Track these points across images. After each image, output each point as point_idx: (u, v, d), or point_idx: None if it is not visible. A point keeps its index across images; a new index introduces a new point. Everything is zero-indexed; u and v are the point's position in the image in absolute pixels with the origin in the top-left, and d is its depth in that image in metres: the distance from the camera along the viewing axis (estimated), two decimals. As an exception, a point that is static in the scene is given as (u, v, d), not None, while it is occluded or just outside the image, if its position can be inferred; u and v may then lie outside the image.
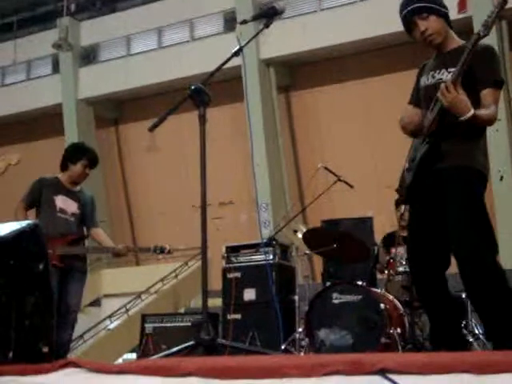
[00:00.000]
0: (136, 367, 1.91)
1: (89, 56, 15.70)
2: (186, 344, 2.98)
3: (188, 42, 15.00)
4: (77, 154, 5.54)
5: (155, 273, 13.29)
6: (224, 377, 1.77)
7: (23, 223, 2.87)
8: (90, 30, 15.74)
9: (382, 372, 1.62)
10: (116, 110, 16.37)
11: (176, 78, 14.52)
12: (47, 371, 2.07)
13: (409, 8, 3.44)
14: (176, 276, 13.27)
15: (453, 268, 3.41)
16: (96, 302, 13.29)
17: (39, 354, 2.76)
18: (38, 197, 5.41)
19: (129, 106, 16.16)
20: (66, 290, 5.29)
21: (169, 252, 5.51)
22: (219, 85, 10.89)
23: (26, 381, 2.08)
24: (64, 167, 5.53)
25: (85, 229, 5.59)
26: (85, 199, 5.55)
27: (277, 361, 1.99)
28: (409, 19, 3.46)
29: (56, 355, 4.84)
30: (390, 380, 1.60)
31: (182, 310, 12.35)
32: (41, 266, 2.85)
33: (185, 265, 13.45)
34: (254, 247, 7.26)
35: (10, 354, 2.63)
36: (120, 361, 11.47)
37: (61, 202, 5.41)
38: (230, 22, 14.56)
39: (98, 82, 15.37)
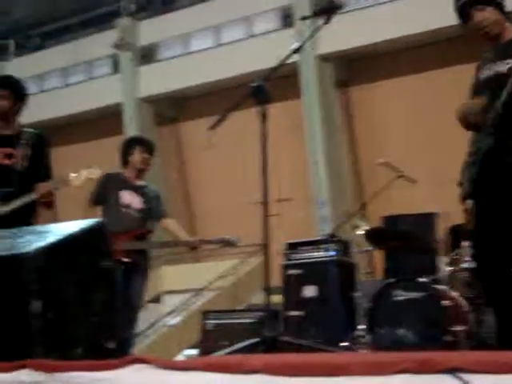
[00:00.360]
0: (202, 364, 1.93)
1: (148, 55, 15.90)
2: (250, 341, 2.99)
3: (245, 38, 15.03)
4: (131, 144, 5.64)
5: (215, 269, 13.38)
6: (290, 374, 1.77)
7: (90, 221, 2.93)
8: (149, 30, 15.92)
9: (453, 371, 1.59)
10: (175, 108, 16.52)
11: (234, 76, 14.58)
12: (115, 367, 2.10)
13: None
14: (236, 273, 13.33)
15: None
16: (156, 299, 13.47)
17: (106, 351, 2.81)
18: (104, 193, 5.47)
19: (188, 104, 16.30)
20: (129, 286, 5.32)
21: (234, 244, 5.44)
22: (275, 81, 10.87)
23: (95, 377, 2.11)
24: (124, 162, 5.61)
25: (151, 224, 5.56)
26: (150, 194, 5.54)
27: (343, 358, 1.98)
28: (465, 11, 3.42)
29: (121, 351, 4.92)
30: (461, 379, 1.56)
31: (241, 307, 12.39)
32: (107, 264, 2.89)
33: (244, 262, 13.50)
34: (315, 244, 7.23)
35: (79, 350, 2.68)
36: (180, 357, 11.59)
37: (125, 197, 5.44)
38: (287, 18, 14.55)
39: (157, 80, 15.54)
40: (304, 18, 3.46)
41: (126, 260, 5.29)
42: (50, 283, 2.64)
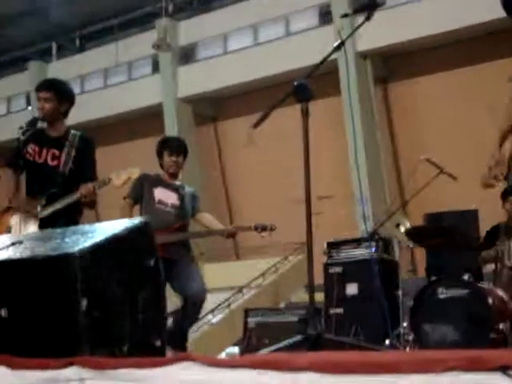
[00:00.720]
0: (250, 361, 1.93)
1: (187, 55, 15.98)
2: (294, 339, 2.99)
3: (283, 37, 15.01)
4: (159, 147, 5.66)
5: (255, 267, 13.40)
6: (338, 372, 1.76)
7: (134, 220, 2.95)
8: (188, 30, 16.01)
9: (503, 369, 1.57)
10: (214, 107, 16.59)
11: (272, 74, 14.60)
12: (163, 364, 2.12)
13: None
14: (276, 271, 13.33)
15: None
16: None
17: (152, 348, 2.84)
18: (141, 191, 5.50)
19: (226, 103, 16.35)
20: (177, 279, 5.29)
21: (271, 229, 5.32)
22: (315, 79, 10.84)
23: (142, 374, 2.13)
24: (160, 165, 5.66)
25: (186, 220, 5.50)
26: (184, 192, 5.52)
27: (390, 356, 1.96)
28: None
29: (179, 343, 4.93)
30: (511, 377, 1.54)
31: (282, 305, 12.40)
32: (152, 262, 2.92)
33: (284, 259, 13.51)
34: (356, 242, 7.21)
35: (125, 348, 2.71)
36: (223, 355, 11.63)
37: (159, 193, 5.42)
38: (325, 15, 14.49)
39: (196, 80, 15.62)
40: (344, 16, 3.44)
41: (165, 255, 5.27)
42: (96, 282, 2.67)
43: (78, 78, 16.93)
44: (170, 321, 5.02)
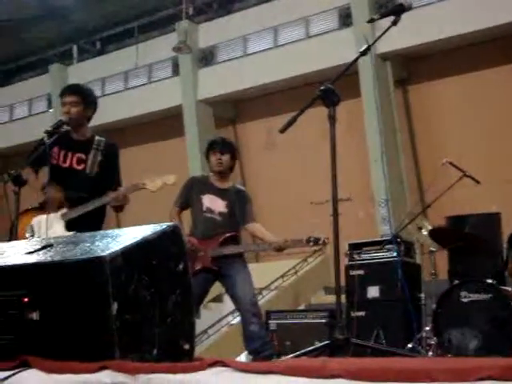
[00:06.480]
0: (283, 368, 1.94)
1: (207, 57, 16.00)
2: (322, 343, 3.01)
3: (303, 39, 14.99)
4: (206, 149, 5.66)
5: (275, 269, 13.38)
6: (371, 379, 1.77)
7: (164, 225, 2.97)
8: (208, 32, 16.03)
9: (539, 378, 1.57)
10: (233, 109, 16.60)
11: (292, 76, 14.59)
12: (195, 370, 2.13)
13: None
14: (296, 272, 13.32)
15: None
16: (218, 298, 13.52)
17: (181, 351, 2.86)
18: (189, 197, 5.47)
19: (246, 105, 16.36)
20: (230, 286, 5.29)
21: (324, 243, 5.17)
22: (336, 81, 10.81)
23: (175, 379, 2.15)
24: (210, 168, 5.65)
25: (237, 226, 5.45)
26: (234, 196, 5.44)
27: (424, 363, 1.97)
28: None
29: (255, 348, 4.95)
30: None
31: (302, 307, 12.39)
32: (181, 266, 2.94)
33: (304, 261, 13.49)
34: (378, 244, 7.21)
35: (155, 351, 2.73)
36: (243, 356, 11.62)
37: (208, 201, 5.40)
38: (345, 18, 14.45)
39: (216, 82, 15.64)
40: (371, 21, 3.45)
41: (215, 267, 5.25)
42: (126, 286, 2.69)
43: (99, 81, 17.00)
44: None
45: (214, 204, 5.39)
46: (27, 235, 4.51)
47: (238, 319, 12.46)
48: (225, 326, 12.52)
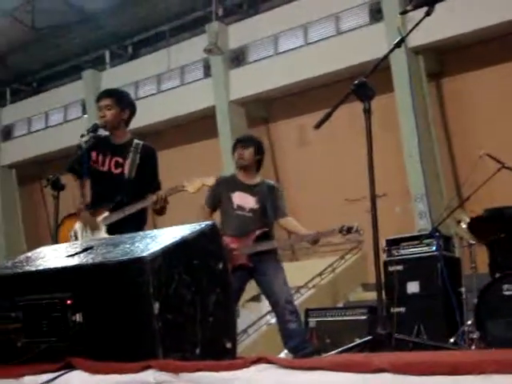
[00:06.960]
0: (328, 363, 1.93)
1: (238, 58, 16.01)
2: (364, 339, 2.99)
3: (334, 36, 14.92)
4: (232, 148, 5.68)
5: (312, 267, 13.36)
6: (418, 373, 1.75)
7: (202, 224, 2.99)
8: (238, 33, 16.03)
9: None
10: (265, 108, 16.60)
11: (323, 74, 14.52)
12: (239, 367, 2.13)
13: None
14: (333, 270, 13.28)
15: None
16: (256, 297, 13.54)
17: (223, 350, 2.87)
18: (219, 197, 5.48)
19: (277, 104, 16.33)
20: (266, 284, 5.28)
21: (357, 231, 5.11)
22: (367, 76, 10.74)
23: (219, 376, 2.15)
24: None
25: (269, 222, 5.43)
26: (264, 191, 5.43)
27: (470, 356, 1.94)
28: None
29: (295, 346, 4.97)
30: None
31: (340, 304, 12.35)
32: (220, 265, 2.95)
33: (341, 259, 13.45)
34: (416, 239, 7.15)
35: (197, 350, 2.74)
36: (282, 355, 11.61)
37: (238, 198, 5.39)
38: (376, 13, 14.35)
39: (248, 82, 15.64)
40: (404, 12, 3.41)
41: (250, 265, 5.24)
42: (167, 286, 2.71)
43: (132, 85, 17.09)
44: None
45: (244, 201, 5.38)
46: (71, 239, 4.56)
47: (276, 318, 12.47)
48: (264, 325, 12.52)
